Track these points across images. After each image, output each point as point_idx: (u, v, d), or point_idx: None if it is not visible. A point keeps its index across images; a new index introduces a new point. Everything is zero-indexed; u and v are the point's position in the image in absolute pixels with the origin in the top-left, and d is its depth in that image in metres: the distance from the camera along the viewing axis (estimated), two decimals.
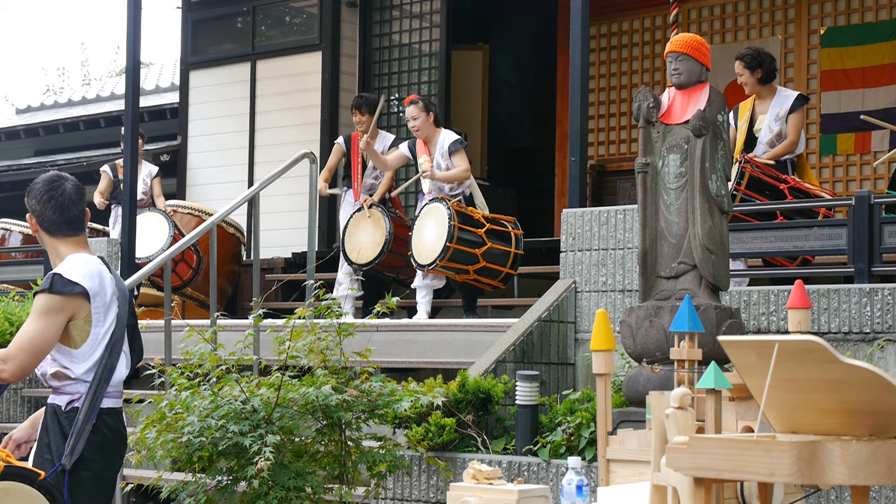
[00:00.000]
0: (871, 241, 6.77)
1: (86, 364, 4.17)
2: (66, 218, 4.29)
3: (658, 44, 11.46)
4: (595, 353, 4.92)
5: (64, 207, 4.28)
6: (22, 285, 10.24)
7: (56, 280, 4.14)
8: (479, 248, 8.29)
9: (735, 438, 3.51)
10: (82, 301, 4.15)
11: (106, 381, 4.17)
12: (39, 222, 4.31)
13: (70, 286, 4.12)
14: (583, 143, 7.85)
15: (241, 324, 7.65)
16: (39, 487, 3.88)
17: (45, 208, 4.28)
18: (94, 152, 14.30)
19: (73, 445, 4.09)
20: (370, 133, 9.16)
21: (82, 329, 4.16)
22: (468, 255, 8.26)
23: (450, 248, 8.16)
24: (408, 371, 7.75)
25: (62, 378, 4.17)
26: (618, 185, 11.24)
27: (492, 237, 8.36)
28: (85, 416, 4.11)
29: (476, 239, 8.29)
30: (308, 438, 5.63)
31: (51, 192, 4.28)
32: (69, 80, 31.62)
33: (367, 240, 8.97)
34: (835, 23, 10.69)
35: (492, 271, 8.39)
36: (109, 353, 4.19)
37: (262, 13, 12.40)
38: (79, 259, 4.23)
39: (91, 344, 4.18)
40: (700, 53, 6.09)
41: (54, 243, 4.31)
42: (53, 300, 4.11)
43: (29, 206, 4.32)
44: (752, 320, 6.77)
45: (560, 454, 6.15)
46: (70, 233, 4.30)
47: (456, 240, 8.18)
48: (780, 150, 7.89)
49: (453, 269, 8.32)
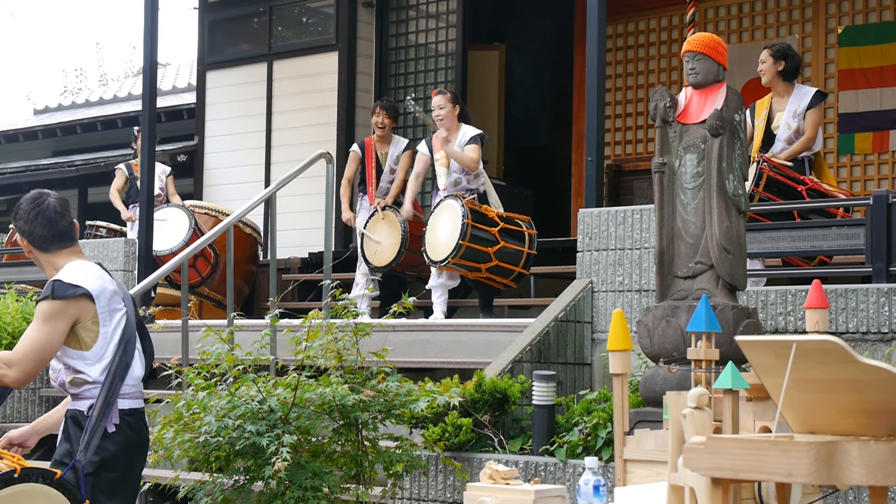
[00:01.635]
0: (889, 240, 6.75)
1: (100, 365, 4.18)
2: (56, 231, 4.30)
3: (675, 43, 11.44)
4: (612, 353, 4.91)
5: (52, 221, 4.30)
6: (40, 285, 10.28)
7: (57, 286, 4.16)
8: (492, 247, 8.29)
9: (752, 438, 3.50)
10: (86, 302, 4.16)
11: (121, 379, 4.18)
12: (31, 241, 4.32)
13: (72, 289, 4.14)
14: (599, 142, 7.83)
15: (258, 324, 7.66)
16: (58, 486, 3.89)
17: (34, 226, 4.29)
18: (112, 153, 14.34)
19: (87, 441, 4.09)
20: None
21: (91, 330, 4.18)
22: (481, 254, 8.26)
23: (462, 245, 8.17)
24: (424, 371, 7.75)
25: (80, 384, 4.19)
26: (634, 184, 11.22)
27: (505, 236, 8.36)
28: (100, 412, 4.12)
29: (489, 237, 8.30)
30: (325, 438, 5.63)
31: (36, 208, 4.30)
32: (86, 80, 31.69)
33: (384, 241, 8.99)
34: (852, 22, 10.65)
35: (504, 270, 8.39)
36: (123, 350, 4.20)
37: (278, 13, 12.42)
38: (76, 265, 4.25)
39: (102, 344, 4.19)
40: (717, 53, 6.08)
41: (49, 259, 4.32)
42: (55, 305, 4.13)
43: (17, 228, 4.34)
44: (769, 320, 6.76)
45: (577, 454, 6.15)
46: (63, 245, 4.31)
47: (469, 237, 8.19)
48: (798, 147, 7.87)
49: (465, 266, 8.32)
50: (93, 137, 15.64)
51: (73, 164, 14.28)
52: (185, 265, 7.81)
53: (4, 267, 11.07)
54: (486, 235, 8.30)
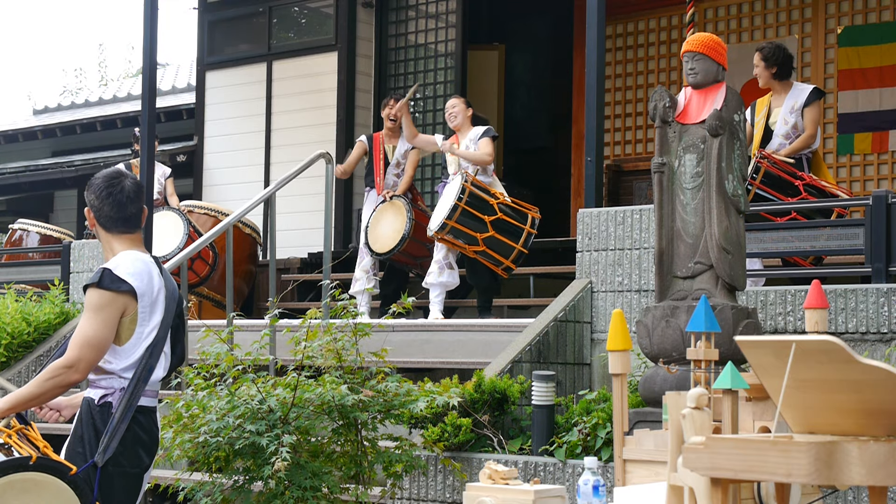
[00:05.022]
0: (888, 240, 6.75)
1: (127, 361, 4.19)
2: (124, 215, 4.31)
3: (674, 43, 11.44)
4: (611, 353, 4.91)
5: (122, 205, 4.30)
6: (39, 286, 10.28)
7: (105, 275, 4.16)
8: (491, 216, 8.35)
9: (752, 439, 3.50)
10: (130, 299, 4.17)
11: (144, 381, 4.19)
12: (97, 217, 4.33)
13: (118, 283, 4.15)
14: (599, 142, 7.84)
15: (258, 324, 7.67)
16: (70, 482, 3.89)
17: (104, 204, 4.30)
18: (112, 153, 14.33)
19: (107, 443, 4.11)
20: (402, 107, 9.15)
21: (128, 327, 4.19)
22: (478, 222, 8.35)
23: (459, 207, 8.27)
24: (424, 371, 7.75)
25: (99, 371, 4.19)
26: (634, 184, 11.22)
27: (498, 227, 8.36)
28: (121, 415, 4.13)
29: (488, 207, 8.37)
30: (324, 438, 5.63)
31: (110, 188, 4.31)
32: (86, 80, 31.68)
33: (388, 228, 9.02)
34: (852, 22, 10.65)
35: (502, 245, 8.42)
36: (150, 353, 4.20)
37: (277, 14, 12.42)
38: (129, 256, 4.25)
39: (135, 342, 4.20)
40: (716, 53, 6.08)
41: (109, 239, 4.33)
42: (105, 296, 4.14)
43: (88, 200, 4.35)
44: (768, 320, 6.76)
45: (576, 454, 6.15)
46: (126, 230, 4.32)
47: (466, 201, 8.27)
48: (798, 144, 7.87)
49: (464, 235, 8.40)
50: (92, 137, 15.63)
51: (73, 164, 14.26)
52: (184, 265, 7.81)
53: (4, 267, 11.07)
54: (484, 205, 8.35)
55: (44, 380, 4.12)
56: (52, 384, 4.11)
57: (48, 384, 4.11)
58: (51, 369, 4.11)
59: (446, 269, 8.65)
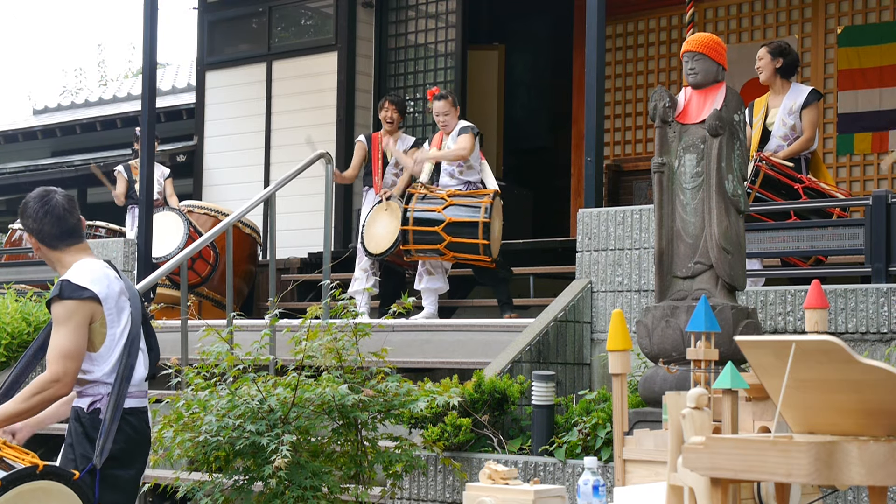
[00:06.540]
0: (888, 240, 6.75)
1: (106, 365, 4.20)
2: (66, 228, 4.31)
3: (674, 43, 11.44)
4: (611, 353, 4.91)
5: (61, 218, 4.30)
6: (39, 286, 10.27)
7: (65, 286, 4.17)
8: (441, 244, 8.42)
9: (752, 439, 3.50)
10: (95, 304, 4.17)
11: (127, 381, 4.20)
12: (40, 239, 4.32)
13: (79, 291, 4.15)
14: (599, 142, 7.84)
15: (258, 324, 7.66)
16: (74, 487, 3.96)
17: (43, 224, 4.29)
18: (111, 153, 14.33)
19: (102, 445, 4.13)
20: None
21: (99, 332, 4.19)
22: (434, 250, 8.48)
23: (398, 242, 8.50)
24: (424, 371, 7.75)
25: (83, 382, 4.20)
26: (634, 184, 11.22)
27: (452, 232, 8.40)
28: (111, 416, 4.15)
29: (434, 236, 8.45)
30: (324, 438, 5.63)
31: (45, 206, 4.31)
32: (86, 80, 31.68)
33: (384, 229, 9.02)
34: (852, 22, 10.65)
35: (470, 259, 8.51)
36: (128, 353, 4.21)
37: (277, 14, 12.42)
38: (85, 264, 4.25)
39: (108, 346, 4.20)
40: (716, 53, 6.08)
41: (59, 256, 4.32)
42: (69, 306, 4.14)
43: (26, 226, 4.33)
44: (768, 320, 6.76)
45: (576, 454, 6.15)
46: (71, 242, 4.32)
47: (412, 222, 8.47)
48: (797, 147, 7.86)
49: (423, 251, 8.52)
50: (92, 137, 15.63)
51: (73, 165, 14.26)
52: (184, 265, 7.81)
53: (4, 267, 11.07)
54: (430, 219, 8.44)
55: (30, 395, 4.11)
56: (38, 399, 4.11)
57: (34, 399, 4.11)
58: (37, 384, 4.10)
59: (425, 275, 8.74)
